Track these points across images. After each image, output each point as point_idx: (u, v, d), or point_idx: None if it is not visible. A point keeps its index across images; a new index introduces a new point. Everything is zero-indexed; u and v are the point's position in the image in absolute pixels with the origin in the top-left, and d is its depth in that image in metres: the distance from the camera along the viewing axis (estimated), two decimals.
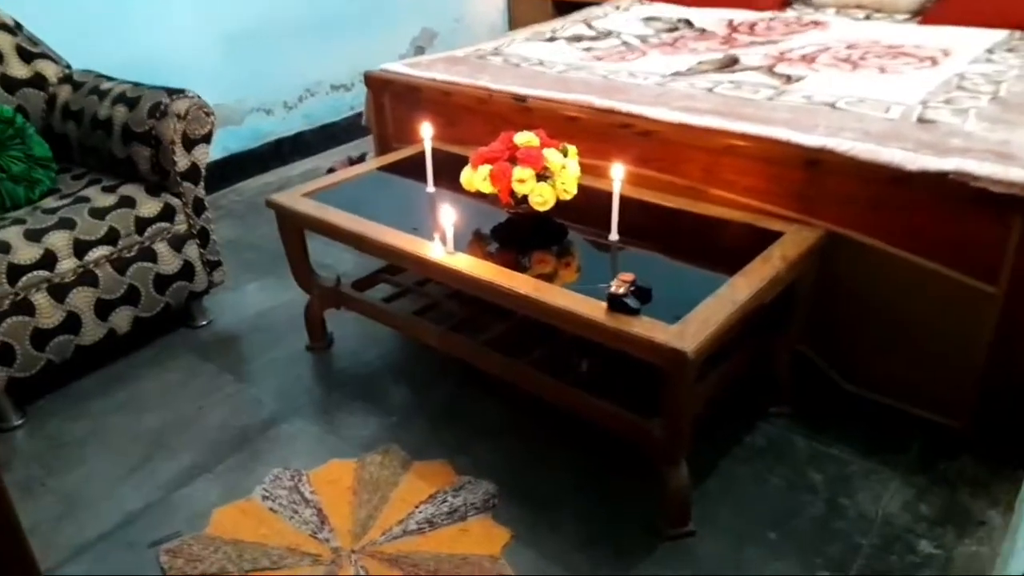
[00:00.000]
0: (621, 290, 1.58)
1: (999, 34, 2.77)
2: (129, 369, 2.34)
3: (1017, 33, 2.77)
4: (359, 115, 4.00)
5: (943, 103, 2.09)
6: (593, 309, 1.60)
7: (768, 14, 3.34)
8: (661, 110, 2.13)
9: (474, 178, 1.96)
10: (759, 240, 1.85)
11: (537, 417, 2.03)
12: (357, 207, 2.12)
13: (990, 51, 2.59)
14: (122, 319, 2.28)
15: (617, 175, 1.83)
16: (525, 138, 1.96)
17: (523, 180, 1.89)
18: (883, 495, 1.78)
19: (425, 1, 4.34)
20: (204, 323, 2.56)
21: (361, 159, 3.66)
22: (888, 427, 1.94)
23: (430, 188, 2.22)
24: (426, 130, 2.18)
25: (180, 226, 2.41)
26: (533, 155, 1.91)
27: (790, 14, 3.34)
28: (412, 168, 2.38)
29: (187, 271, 2.43)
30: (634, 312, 1.56)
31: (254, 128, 3.69)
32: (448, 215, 1.84)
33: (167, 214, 2.36)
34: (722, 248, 1.92)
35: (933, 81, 2.29)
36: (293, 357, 2.38)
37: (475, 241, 2.01)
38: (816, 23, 3.14)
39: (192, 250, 2.44)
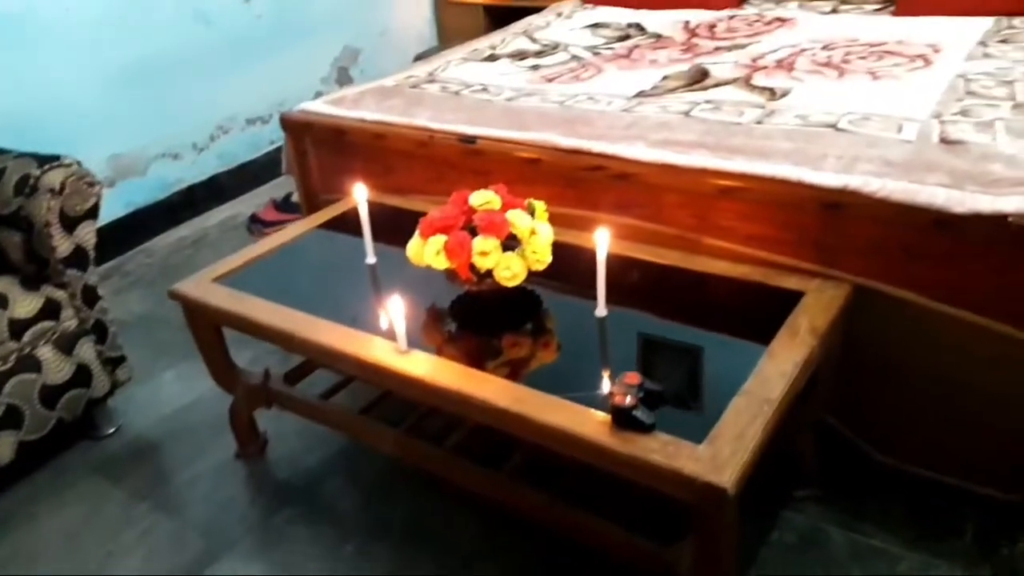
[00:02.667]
0: (628, 400, 1.24)
1: (984, 22, 2.52)
2: (17, 506, 1.91)
3: (1003, 20, 2.51)
4: (279, 150, 3.59)
5: (960, 115, 1.80)
6: (594, 427, 1.25)
7: (726, 12, 3.03)
8: (638, 147, 1.80)
9: (425, 252, 1.60)
10: (775, 302, 1.54)
11: (525, 536, 1.67)
12: (282, 291, 1.74)
13: (983, 44, 2.32)
14: (2, 448, 1.85)
15: (602, 241, 1.48)
16: (483, 198, 1.61)
17: (486, 252, 1.54)
18: None
19: (345, 17, 3.93)
20: (110, 431, 2.14)
21: (287, 201, 3.26)
22: (934, 505, 1.65)
23: (370, 259, 1.84)
24: (359, 192, 1.80)
25: (68, 323, 1.98)
26: (495, 221, 1.55)
27: (750, 11, 3.04)
28: (346, 229, 2.00)
29: (82, 376, 2.01)
30: (648, 429, 1.23)
31: (160, 177, 3.23)
32: (396, 303, 1.47)
33: (50, 311, 1.94)
34: (732, 314, 1.60)
35: (936, 87, 2.01)
36: (221, 469, 1.98)
37: (431, 325, 1.65)
38: (781, 20, 2.85)
39: (87, 349, 2.02)
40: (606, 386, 1.41)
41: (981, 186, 1.44)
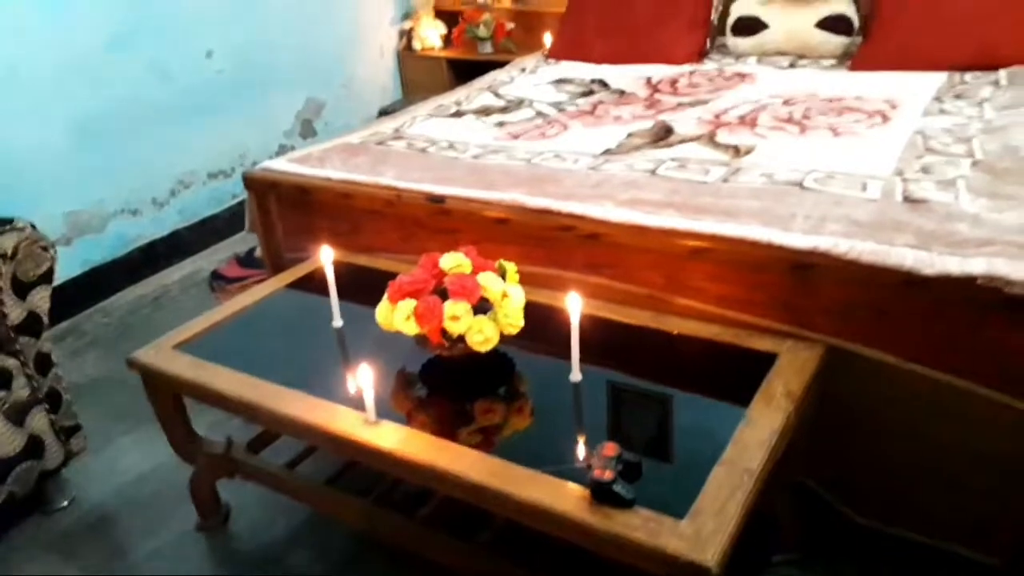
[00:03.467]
0: (607, 474, 1.21)
1: (938, 78, 2.59)
2: None
3: (956, 76, 2.59)
4: (242, 204, 3.54)
5: (922, 172, 1.83)
6: (573, 503, 1.22)
7: (687, 67, 3.08)
8: (606, 207, 1.79)
9: (394, 317, 1.56)
10: (749, 363, 1.53)
11: None
12: (245, 357, 1.69)
13: (939, 99, 2.38)
14: None
15: (574, 306, 1.46)
16: (453, 261, 1.59)
17: (457, 317, 1.51)
18: None
19: (308, 70, 3.92)
20: (64, 504, 2.05)
21: (250, 256, 3.20)
22: (916, 567, 1.63)
23: (337, 322, 1.80)
24: (326, 255, 1.76)
25: (20, 392, 1.90)
26: (466, 285, 1.53)
27: (710, 66, 3.09)
28: (312, 290, 1.96)
29: (34, 447, 1.92)
30: (628, 504, 1.19)
31: (119, 233, 3.16)
32: (364, 372, 1.43)
33: (0, 380, 1.86)
34: (707, 376, 1.58)
35: (895, 143, 2.04)
36: (182, 542, 1.90)
37: (400, 391, 1.61)
38: (741, 75, 2.90)
39: (39, 419, 1.93)
40: (582, 453, 1.38)
41: (948, 247, 1.46)
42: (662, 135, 2.33)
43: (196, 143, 3.40)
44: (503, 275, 1.59)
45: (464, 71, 4.08)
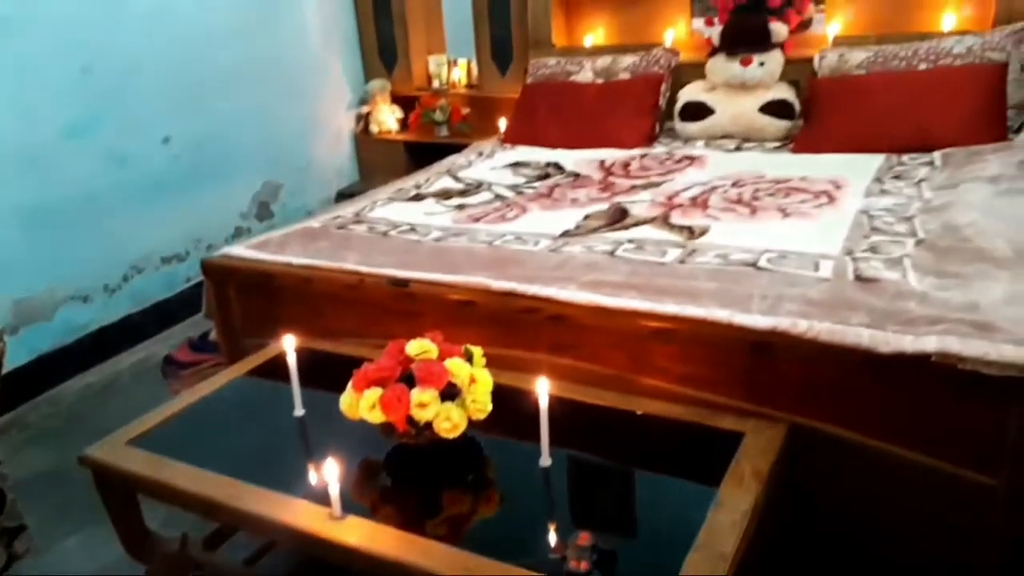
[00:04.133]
0: (583, 565, 1.19)
1: (877, 158, 2.71)
2: None
3: (893, 157, 2.72)
4: (197, 287, 3.49)
5: (870, 252, 1.90)
6: None
7: (637, 151, 3.18)
8: (570, 290, 1.82)
9: (359, 405, 1.54)
10: (715, 443, 1.55)
11: None
12: (204, 451, 1.64)
13: (879, 180, 2.49)
14: None
15: (542, 391, 1.46)
16: (419, 347, 1.58)
17: (425, 404, 1.49)
18: None
19: (266, 153, 3.94)
20: None
21: (204, 340, 3.13)
22: None
23: (298, 411, 1.77)
24: (288, 342, 1.74)
25: None
26: (434, 371, 1.52)
27: (660, 150, 3.20)
28: (272, 377, 1.93)
29: None
30: None
31: (68, 321, 3.08)
32: (329, 466, 1.40)
33: None
34: (674, 456, 1.59)
35: (842, 223, 2.13)
36: None
37: (365, 482, 1.57)
38: (690, 158, 3.00)
39: None
40: (555, 542, 1.36)
41: (900, 325, 1.51)
42: (618, 217, 2.38)
43: (150, 228, 3.36)
44: (470, 359, 1.59)
45: (420, 153, 4.14)
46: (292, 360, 1.74)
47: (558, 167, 3.06)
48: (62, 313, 3.06)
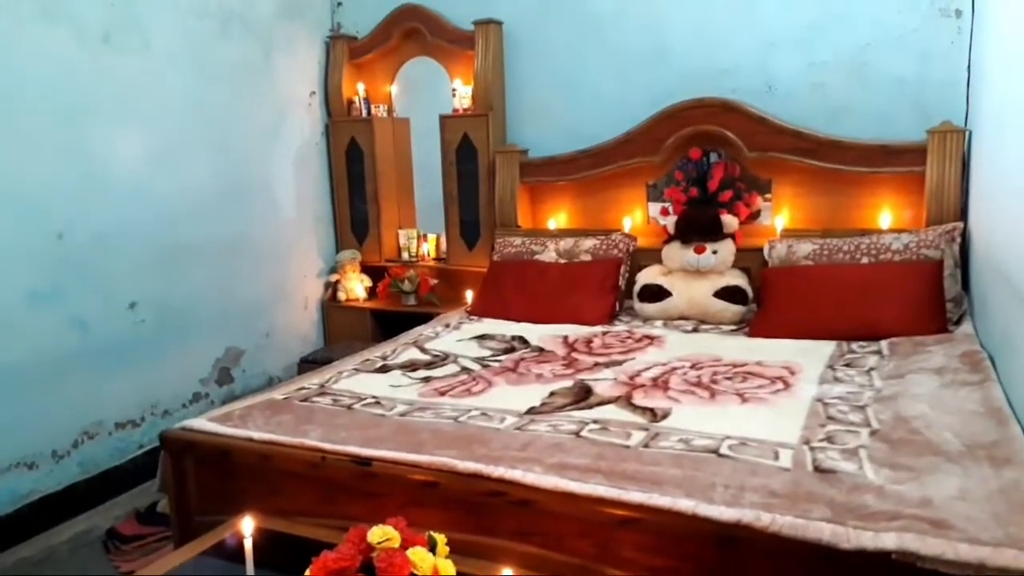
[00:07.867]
0: None
1: (828, 346, 2.83)
2: None
3: (844, 344, 2.84)
4: (149, 454, 3.39)
5: (826, 441, 1.95)
6: None
7: (599, 328, 3.29)
8: (536, 473, 1.82)
9: None
10: None
11: None
12: None
13: (831, 367, 2.59)
14: None
15: None
16: (381, 535, 1.55)
17: None
18: None
19: (231, 319, 3.96)
20: None
21: (151, 512, 3.03)
22: None
23: None
24: (246, 526, 1.70)
25: None
26: (396, 562, 1.49)
27: (620, 327, 3.31)
28: (226, 557, 1.85)
29: None
30: None
31: (10, 489, 2.94)
32: None
33: None
34: None
35: (798, 410, 2.19)
36: None
37: None
38: (650, 338, 3.11)
39: None
40: None
41: (860, 520, 1.53)
42: (582, 395, 2.43)
43: (106, 392, 3.30)
44: (433, 548, 1.57)
45: (387, 322, 4.21)
46: (248, 545, 1.69)
47: (523, 341, 3.14)
48: (4, 481, 2.92)
